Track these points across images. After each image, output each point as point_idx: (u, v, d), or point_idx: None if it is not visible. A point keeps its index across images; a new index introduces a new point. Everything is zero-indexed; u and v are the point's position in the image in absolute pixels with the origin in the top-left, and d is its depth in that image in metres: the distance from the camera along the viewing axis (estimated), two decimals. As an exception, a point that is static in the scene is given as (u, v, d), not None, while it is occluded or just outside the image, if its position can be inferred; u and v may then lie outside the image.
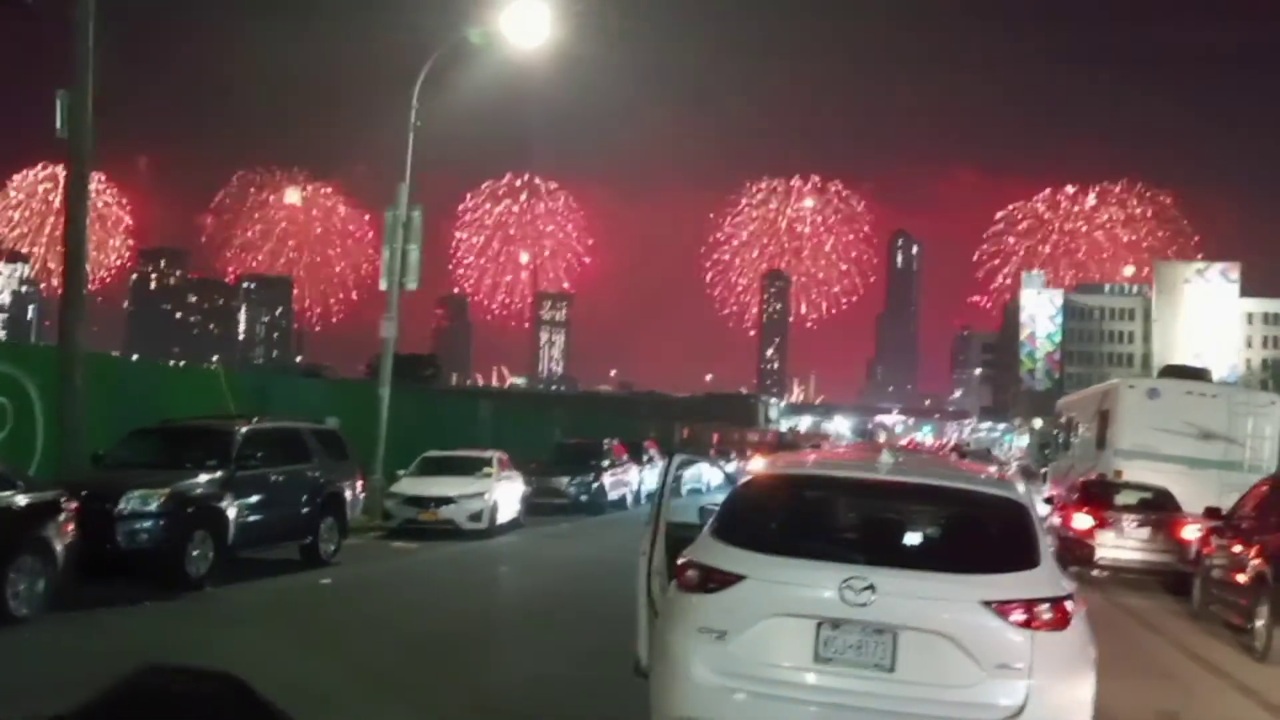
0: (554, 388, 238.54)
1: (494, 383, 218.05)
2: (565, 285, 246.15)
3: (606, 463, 31.17)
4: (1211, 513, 15.39)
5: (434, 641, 11.01)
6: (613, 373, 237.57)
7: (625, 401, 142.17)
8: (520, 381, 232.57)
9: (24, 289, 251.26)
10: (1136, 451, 21.82)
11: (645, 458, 35.47)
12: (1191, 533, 16.86)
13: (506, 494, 22.93)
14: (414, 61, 24.81)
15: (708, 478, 33.71)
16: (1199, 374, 25.63)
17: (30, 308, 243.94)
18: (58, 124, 15.97)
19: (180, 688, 1.15)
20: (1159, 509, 18.53)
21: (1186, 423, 21.82)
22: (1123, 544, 18.02)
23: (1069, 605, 5.58)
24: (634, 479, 32.97)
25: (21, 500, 11.24)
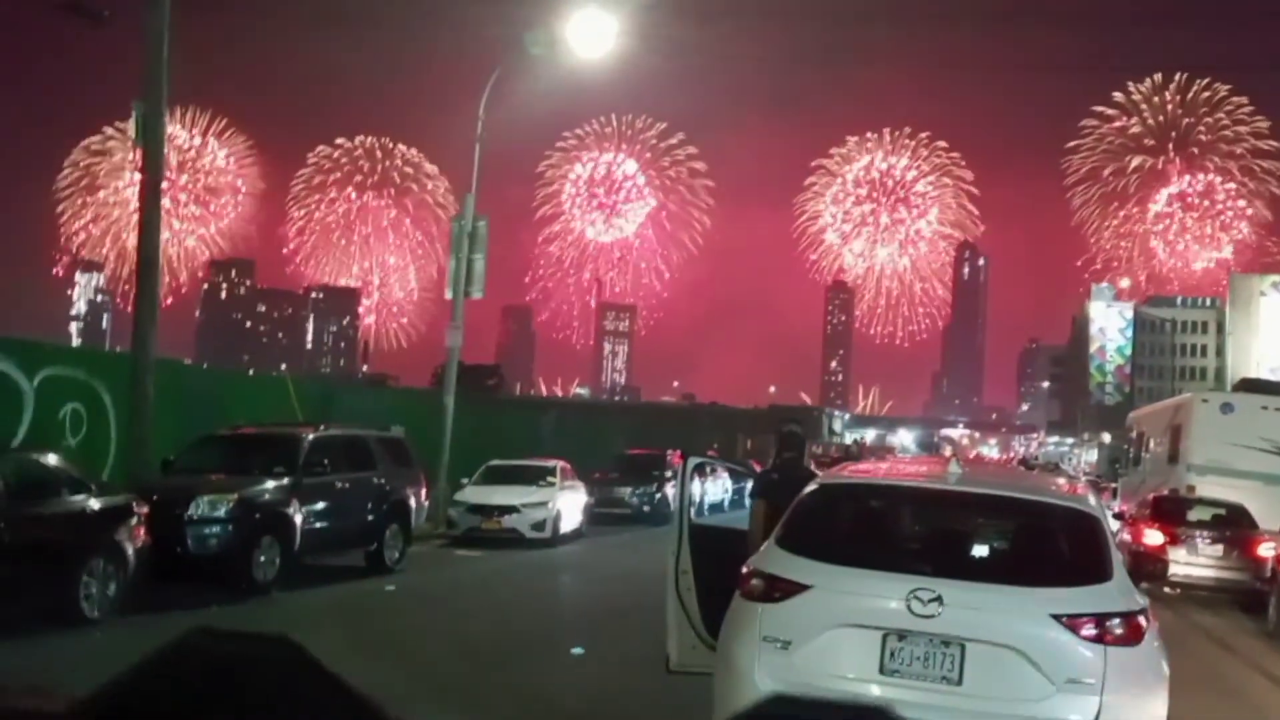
0: (617, 398, 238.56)
1: (557, 393, 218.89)
2: (630, 301, 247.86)
3: (669, 473, 31.11)
4: (1288, 530, 15.08)
5: (495, 648, 11.03)
6: (675, 384, 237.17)
7: (687, 412, 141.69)
8: (583, 391, 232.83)
9: (99, 298, 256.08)
10: (1210, 467, 21.40)
11: (708, 469, 35.35)
12: (1267, 550, 16.50)
13: (569, 503, 22.98)
14: (481, 72, 25.07)
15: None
16: (1276, 388, 25.13)
17: (105, 316, 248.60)
18: (132, 133, 16.31)
19: (231, 650, 1.12)
20: (1233, 525, 18.17)
21: (1262, 438, 21.37)
22: (1195, 561, 17.69)
23: (1142, 620, 5.47)
24: (696, 490, 32.84)
25: (95, 504, 11.46)
